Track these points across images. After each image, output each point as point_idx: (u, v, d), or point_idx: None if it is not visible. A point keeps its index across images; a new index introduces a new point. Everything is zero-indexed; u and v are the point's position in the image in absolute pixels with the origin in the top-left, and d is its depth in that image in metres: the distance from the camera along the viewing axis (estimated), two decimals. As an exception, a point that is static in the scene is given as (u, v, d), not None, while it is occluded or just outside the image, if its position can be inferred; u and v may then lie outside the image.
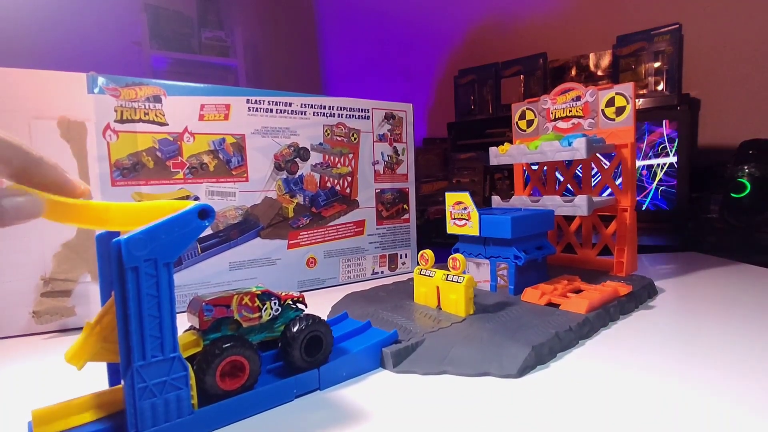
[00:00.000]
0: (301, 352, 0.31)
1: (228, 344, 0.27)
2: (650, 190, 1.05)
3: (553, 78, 1.29)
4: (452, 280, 0.43)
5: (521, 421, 0.27)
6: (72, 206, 0.24)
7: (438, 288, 0.44)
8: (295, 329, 0.31)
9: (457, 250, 0.53)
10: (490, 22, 1.61)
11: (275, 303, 0.31)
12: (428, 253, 0.47)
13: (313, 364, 0.32)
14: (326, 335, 0.32)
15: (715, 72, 1.14)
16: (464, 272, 0.43)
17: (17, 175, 0.23)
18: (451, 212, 0.52)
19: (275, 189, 0.61)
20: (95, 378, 0.34)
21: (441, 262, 0.46)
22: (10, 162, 0.22)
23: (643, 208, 1.06)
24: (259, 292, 0.31)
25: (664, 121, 1.02)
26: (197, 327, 0.29)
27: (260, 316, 0.31)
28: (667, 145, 1.02)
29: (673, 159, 1.02)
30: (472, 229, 0.50)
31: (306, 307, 0.34)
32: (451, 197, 0.52)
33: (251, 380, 0.29)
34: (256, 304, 0.30)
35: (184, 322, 0.29)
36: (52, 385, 0.35)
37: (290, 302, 0.33)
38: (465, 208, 0.50)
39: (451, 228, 0.52)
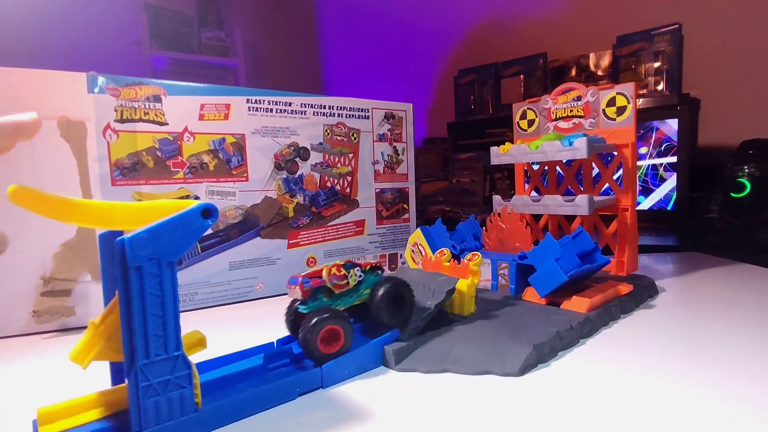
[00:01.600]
0: (387, 312, 0.35)
1: (326, 314, 0.31)
2: (670, 191, 1.04)
3: (553, 78, 1.29)
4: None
5: (522, 419, 0.27)
6: (76, 205, 0.24)
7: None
8: (381, 291, 0.35)
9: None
10: (490, 22, 1.61)
11: (357, 270, 0.35)
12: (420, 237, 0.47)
13: (399, 323, 0.35)
14: (409, 295, 0.36)
15: (715, 72, 1.14)
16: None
17: None
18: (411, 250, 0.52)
19: (275, 189, 0.61)
20: (96, 377, 0.34)
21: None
22: None
23: (669, 207, 1.04)
24: (343, 262, 0.35)
25: (676, 120, 1.01)
26: (299, 299, 0.33)
27: (348, 283, 0.34)
28: (676, 144, 1.01)
29: (673, 159, 1.02)
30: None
31: (383, 272, 0.37)
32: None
33: (346, 346, 0.32)
34: (342, 273, 0.34)
35: (184, 322, 0.29)
36: (52, 385, 0.35)
37: (369, 268, 0.36)
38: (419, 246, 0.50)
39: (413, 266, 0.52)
